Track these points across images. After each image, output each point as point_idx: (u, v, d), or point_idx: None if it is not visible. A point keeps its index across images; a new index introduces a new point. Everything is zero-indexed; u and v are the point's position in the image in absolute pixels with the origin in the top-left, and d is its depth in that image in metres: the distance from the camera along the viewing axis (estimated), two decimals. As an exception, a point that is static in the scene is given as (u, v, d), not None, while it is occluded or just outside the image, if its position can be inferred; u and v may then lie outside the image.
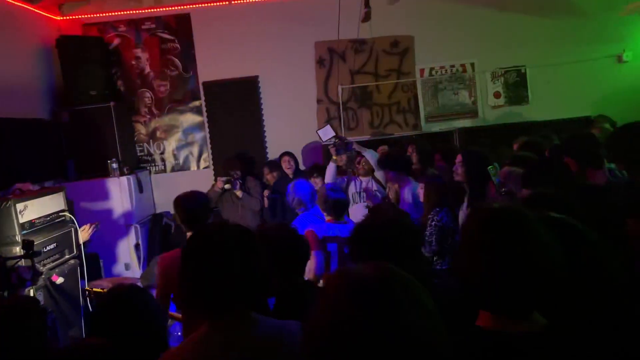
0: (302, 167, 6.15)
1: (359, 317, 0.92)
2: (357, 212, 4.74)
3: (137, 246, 5.72)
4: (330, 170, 5.10)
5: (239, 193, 5.62)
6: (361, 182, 5.06)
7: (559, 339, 1.21)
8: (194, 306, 1.52)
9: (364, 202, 4.93)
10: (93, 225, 4.36)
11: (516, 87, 6.37)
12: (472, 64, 6.38)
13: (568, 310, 1.33)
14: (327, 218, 3.63)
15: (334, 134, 5.31)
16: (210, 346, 1.46)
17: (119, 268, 5.65)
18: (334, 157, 5.12)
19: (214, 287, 1.46)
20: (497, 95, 6.40)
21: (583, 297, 1.37)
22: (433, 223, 3.73)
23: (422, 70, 6.43)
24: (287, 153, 5.81)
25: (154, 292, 3.01)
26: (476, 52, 6.32)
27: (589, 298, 1.38)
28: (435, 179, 4.14)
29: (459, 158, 3.97)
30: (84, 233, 4.27)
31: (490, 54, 6.29)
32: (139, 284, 5.11)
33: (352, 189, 5.08)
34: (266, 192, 5.67)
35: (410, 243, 1.87)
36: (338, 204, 3.59)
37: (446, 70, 6.41)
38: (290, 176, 5.61)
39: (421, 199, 3.94)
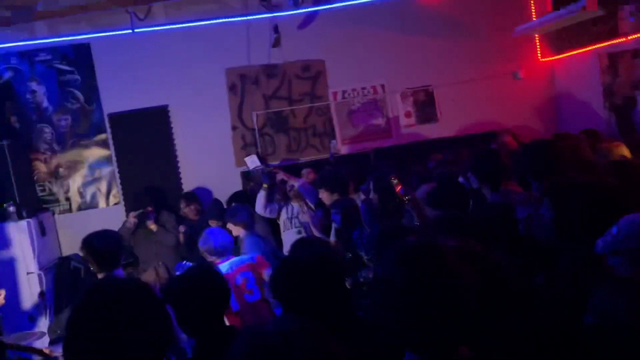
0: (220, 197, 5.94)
1: None
2: (289, 238, 4.73)
3: (41, 294, 5.23)
4: (261, 197, 5.04)
5: (153, 227, 5.37)
6: (293, 207, 5.02)
7: None
8: None
9: (296, 227, 4.89)
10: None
11: (425, 106, 6.60)
12: (383, 86, 6.55)
13: (486, 334, 1.32)
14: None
15: (259, 163, 5.29)
16: None
17: (22, 321, 5.13)
18: (265, 185, 5.07)
19: (104, 354, 1.30)
20: (408, 114, 6.60)
21: (494, 318, 1.37)
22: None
23: (335, 93, 6.50)
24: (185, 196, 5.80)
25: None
26: (385, 73, 6.50)
27: (499, 317, 1.39)
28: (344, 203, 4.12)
29: (371, 185, 4.03)
30: None
31: (399, 75, 6.49)
32: (47, 337, 4.68)
33: (284, 215, 5.06)
34: (182, 228, 5.44)
35: (332, 279, 1.81)
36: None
37: (358, 92, 6.53)
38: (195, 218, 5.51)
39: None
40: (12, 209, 5.13)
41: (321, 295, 1.70)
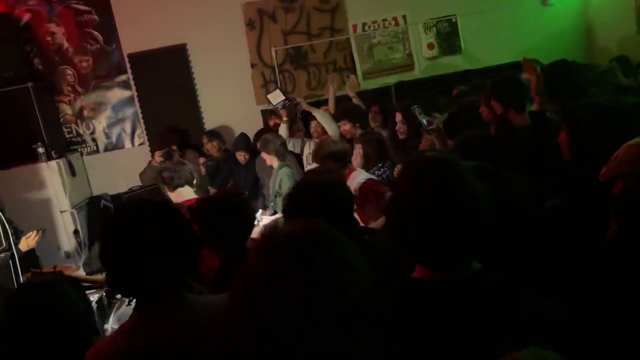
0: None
1: (277, 273, 0.92)
2: None
3: (76, 232, 5.47)
4: (282, 131, 5.05)
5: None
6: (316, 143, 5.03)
7: (488, 280, 1.22)
8: (120, 292, 1.44)
9: None
10: (39, 232, 4.10)
11: (448, 37, 6.38)
12: (404, 16, 6.33)
13: (496, 252, 1.33)
14: None
15: (283, 97, 5.25)
16: (138, 336, 1.37)
17: (58, 258, 5.39)
18: (285, 119, 5.07)
19: (132, 269, 1.39)
20: (430, 46, 6.40)
21: (504, 236, 1.39)
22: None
23: (354, 26, 6.32)
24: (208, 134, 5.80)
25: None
26: (407, 3, 6.26)
27: (509, 236, 1.41)
28: (370, 134, 4.08)
29: (398, 117, 3.97)
30: (29, 241, 4.02)
31: (421, 4, 6.25)
32: (82, 271, 4.92)
33: (306, 150, 5.07)
34: (201, 160, 5.56)
35: (343, 204, 1.85)
36: None
37: (379, 24, 6.33)
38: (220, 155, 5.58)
39: (356, 160, 3.83)
40: (41, 150, 5.27)
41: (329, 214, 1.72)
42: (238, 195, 2.49)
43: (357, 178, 3.40)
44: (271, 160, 4.23)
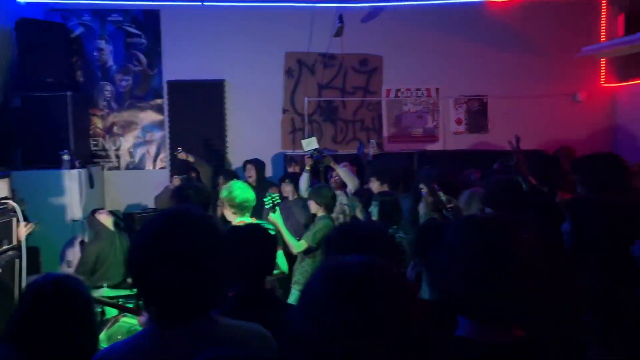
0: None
1: (336, 309, 0.91)
2: None
3: (82, 243, 5.45)
4: (304, 180, 5.08)
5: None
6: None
7: (538, 350, 1.22)
8: (144, 300, 1.37)
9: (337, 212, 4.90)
10: (32, 225, 4.09)
11: (477, 115, 6.54)
12: (437, 89, 6.52)
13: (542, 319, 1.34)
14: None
15: (316, 146, 5.33)
16: (163, 346, 1.32)
17: (60, 265, 5.36)
18: (307, 168, 5.12)
19: (170, 281, 1.30)
20: (459, 121, 6.55)
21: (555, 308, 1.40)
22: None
23: (388, 91, 6.51)
24: (249, 161, 5.68)
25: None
26: (441, 77, 6.47)
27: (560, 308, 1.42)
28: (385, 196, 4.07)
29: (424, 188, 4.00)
30: (19, 230, 4.02)
31: (455, 80, 6.45)
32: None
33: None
34: (220, 202, 5.53)
35: (389, 252, 1.83)
36: None
37: (411, 92, 6.52)
38: (253, 184, 5.50)
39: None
40: (66, 157, 5.36)
41: None
42: (263, 229, 2.42)
43: None
44: (316, 210, 4.22)
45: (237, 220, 3.37)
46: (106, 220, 4.79)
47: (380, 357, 0.89)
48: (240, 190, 3.36)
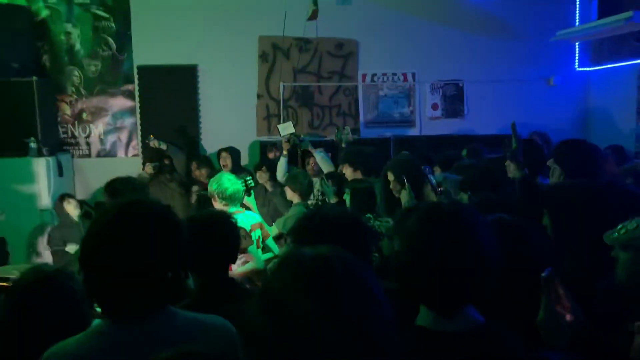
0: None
1: (298, 300, 0.87)
2: None
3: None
4: (282, 165, 5.02)
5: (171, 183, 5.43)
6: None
7: (497, 336, 1.20)
8: (93, 296, 1.29)
9: (315, 199, 4.85)
10: None
11: (453, 100, 6.53)
12: (413, 74, 6.48)
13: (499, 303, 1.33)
14: None
15: (293, 131, 5.28)
16: (115, 342, 1.26)
17: (29, 255, 5.23)
18: (285, 152, 5.05)
19: (122, 275, 1.24)
20: (435, 106, 6.53)
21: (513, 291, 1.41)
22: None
23: (364, 76, 6.45)
24: (224, 149, 5.58)
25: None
26: (417, 62, 6.43)
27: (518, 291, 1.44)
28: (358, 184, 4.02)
29: (391, 176, 3.95)
30: None
31: (431, 65, 6.42)
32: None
33: None
34: (195, 188, 5.46)
35: (361, 240, 1.75)
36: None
37: (388, 77, 6.47)
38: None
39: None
40: (33, 145, 5.21)
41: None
42: (227, 217, 2.28)
43: None
44: (292, 196, 4.17)
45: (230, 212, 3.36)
46: (72, 210, 4.67)
47: (339, 354, 0.84)
48: (230, 182, 3.37)
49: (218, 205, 3.35)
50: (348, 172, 4.20)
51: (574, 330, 1.44)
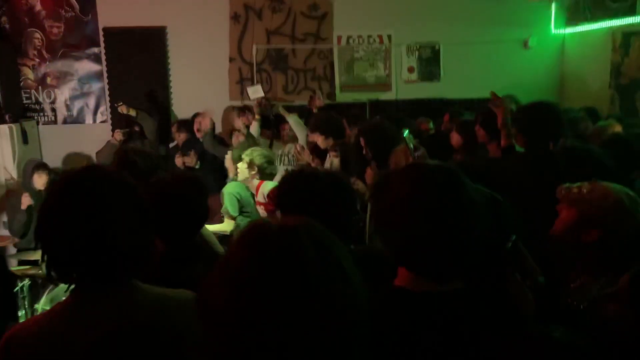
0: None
1: (260, 272, 0.81)
2: (281, 173, 4.64)
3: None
4: (254, 129, 4.95)
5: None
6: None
7: (475, 298, 1.19)
8: (56, 271, 1.23)
9: (289, 164, 4.78)
10: None
11: (429, 63, 6.44)
12: (389, 36, 6.35)
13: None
14: None
15: (262, 95, 5.16)
16: (76, 319, 1.21)
17: (-3, 226, 5.09)
18: (257, 117, 4.94)
19: (79, 249, 1.18)
20: (410, 69, 6.44)
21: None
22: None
23: (339, 38, 6.30)
24: (200, 114, 5.42)
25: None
26: (393, 24, 6.29)
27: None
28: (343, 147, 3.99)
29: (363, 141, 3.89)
30: None
31: (407, 27, 6.29)
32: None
33: (277, 151, 4.94)
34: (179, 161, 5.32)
35: (341, 199, 1.71)
36: None
37: (363, 39, 6.33)
38: (200, 139, 5.29)
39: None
40: (-6, 111, 4.99)
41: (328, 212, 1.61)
42: (195, 183, 2.15)
43: (268, 185, 3.61)
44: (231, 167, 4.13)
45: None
46: (37, 180, 4.52)
47: (303, 333, 0.79)
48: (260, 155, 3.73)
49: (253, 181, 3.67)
50: (320, 140, 4.09)
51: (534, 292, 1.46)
